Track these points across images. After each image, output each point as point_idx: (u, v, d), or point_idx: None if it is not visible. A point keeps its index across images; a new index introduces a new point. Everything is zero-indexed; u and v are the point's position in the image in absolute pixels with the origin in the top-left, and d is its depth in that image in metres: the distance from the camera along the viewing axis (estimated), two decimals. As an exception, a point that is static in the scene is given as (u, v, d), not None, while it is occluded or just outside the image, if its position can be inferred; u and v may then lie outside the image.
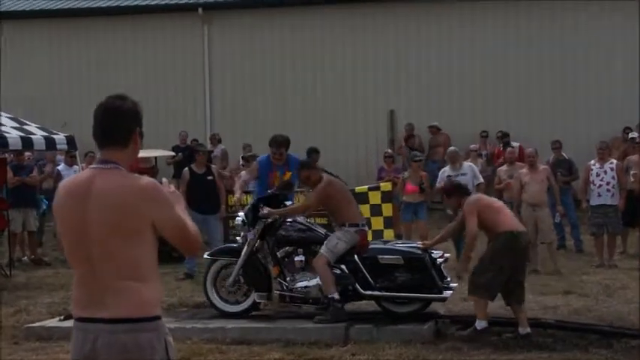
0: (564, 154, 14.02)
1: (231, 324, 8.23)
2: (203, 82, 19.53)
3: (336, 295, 8.05)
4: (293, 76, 19.12)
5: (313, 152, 13.31)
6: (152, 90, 19.32)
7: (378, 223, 10.00)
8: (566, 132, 16.45)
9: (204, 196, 11.56)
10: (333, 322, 7.96)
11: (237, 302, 8.65)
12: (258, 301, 8.49)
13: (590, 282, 10.59)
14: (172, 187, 3.34)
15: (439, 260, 8.12)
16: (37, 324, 8.57)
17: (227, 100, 19.45)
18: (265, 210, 8.41)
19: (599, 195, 12.16)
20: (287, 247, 8.51)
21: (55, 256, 13.88)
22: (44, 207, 14.23)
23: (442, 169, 13.00)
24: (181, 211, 3.23)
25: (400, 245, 8.52)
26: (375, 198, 10.49)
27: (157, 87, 19.46)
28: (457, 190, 8.23)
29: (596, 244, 12.37)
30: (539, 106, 17.84)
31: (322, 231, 8.61)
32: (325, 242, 8.24)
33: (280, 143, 9.13)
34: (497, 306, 7.98)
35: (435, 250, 8.29)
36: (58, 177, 13.99)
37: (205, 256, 8.95)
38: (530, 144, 13.97)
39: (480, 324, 7.66)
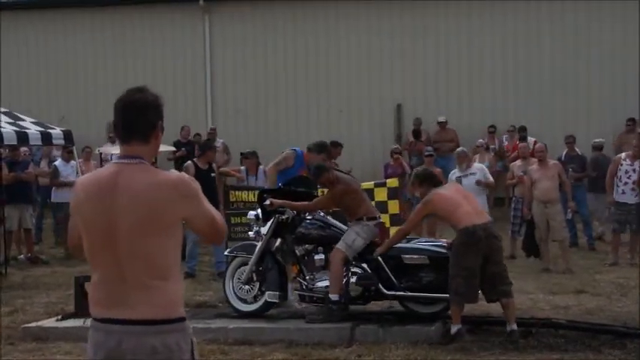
0: (577, 150, 13.78)
1: (233, 324, 8.07)
2: (204, 75, 19.29)
3: (336, 297, 7.88)
4: (296, 69, 18.88)
5: (337, 145, 13.06)
6: (151, 82, 18.88)
7: (383, 220, 9.73)
8: (578, 127, 16.19)
9: (207, 193, 11.29)
10: (327, 321, 7.80)
11: (250, 302, 8.44)
12: (269, 300, 8.25)
13: (603, 281, 10.44)
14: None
15: None
16: (34, 324, 8.42)
17: (229, 93, 19.21)
18: (268, 201, 8.23)
19: (624, 192, 11.87)
20: (307, 245, 8.29)
21: (52, 254, 13.69)
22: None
23: (452, 172, 12.75)
24: (206, 201, 3.18)
25: (424, 244, 8.25)
26: (380, 194, 10.22)
27: (156, 79, 19.16)
28: (430, 180, 7.98)
29: (613, 241, 12.09)
30: (550, 100, 17.60)
31: (343, 228, 8.34)
32: (343, 237, 8.02)
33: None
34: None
35: None
36: (55, 173, 13.78)
37: (225, 253, 8.94)
38: (542, 139, 13.75)
39: (454, 328, 7.48)
